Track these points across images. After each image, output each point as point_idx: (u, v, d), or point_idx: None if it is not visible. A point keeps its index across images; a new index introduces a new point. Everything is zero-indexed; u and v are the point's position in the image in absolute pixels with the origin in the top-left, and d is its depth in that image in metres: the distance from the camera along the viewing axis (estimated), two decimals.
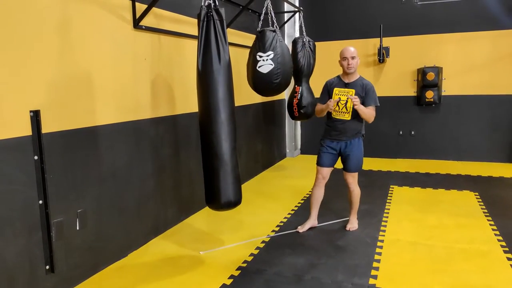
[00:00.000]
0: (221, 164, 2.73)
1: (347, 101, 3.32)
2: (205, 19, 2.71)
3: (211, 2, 2.72)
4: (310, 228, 3.66)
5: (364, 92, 3.35)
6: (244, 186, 5.22)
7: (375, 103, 3.38)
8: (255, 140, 5.80)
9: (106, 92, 2.98)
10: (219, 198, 2.75)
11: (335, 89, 3.41)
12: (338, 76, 3.50)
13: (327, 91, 3.48)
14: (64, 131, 2.65)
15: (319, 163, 3.54)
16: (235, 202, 2.80)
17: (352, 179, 3.51)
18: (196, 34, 2.80)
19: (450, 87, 6.36)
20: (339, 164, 3.59)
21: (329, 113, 3.44)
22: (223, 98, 2.73)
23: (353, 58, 3.32)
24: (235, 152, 2.80)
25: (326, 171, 3.54)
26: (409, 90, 6.58)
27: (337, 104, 3.35)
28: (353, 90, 3.34)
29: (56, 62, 2.58)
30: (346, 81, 3.40)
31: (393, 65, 6.59)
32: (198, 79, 2.78)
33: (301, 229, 3.60)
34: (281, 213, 4.16)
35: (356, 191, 3.56)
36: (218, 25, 2.73)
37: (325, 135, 3.53)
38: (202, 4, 2.71)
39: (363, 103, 3.34)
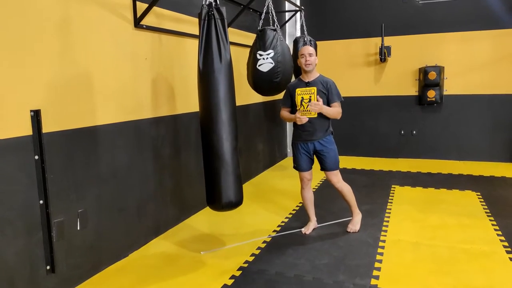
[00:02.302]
0: (222, 164, 2.70)
1: (310, 99, 3.32)
2: (206, 18, 2.69)
3: (212, 0, 2.70)
4: (313, 229, 3.65)
5: (327, 90, 3.35)
6: (245, 186, 5.21)
7: (339, 98, 3.39)
8: (256, 139, 5.79)
9: (106, 92, 2.98)
10: (220, 199, 2.72)
11: (297, 89, 3.38)
12: (299, 78, 3.49)
13: (289, 94, 3.45)
14: (64, 131, 2.64)
15: (299, 169, 3.53)
16: (236, 202, 2.77)
17: (336, 177, 3.48)
18: (197, 33, 2.79)
19: (451, 86, 6.34)
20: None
21: (295, 113, 3.41)
22: (224, 98, 2.70)
23: (310, 55, 3.32)
24: (236, 152, 2.77)
25: (309, 173, 3.54)
26: (411, 89, 6.57)
27: (301, 104, 3.35)
28: (315, 88, 3.33)
29: (57, 61, 2.57)
30: (307, 80, 3.39)
31: (394, 64, 6.57)
32: (199, 79, 2.76)
33: (307, 230, 3.60)
34: (283, 213, 4.15)
35: (345, 188, 3.51)
36: (219, 24, 2.71)
37: (296, 138, 3.50)
38: (203, 3, 2.70)
39: (327, 100, 3.35)
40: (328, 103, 3.37)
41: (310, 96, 3.32)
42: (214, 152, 2.71)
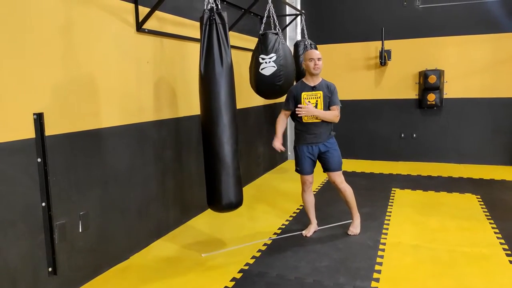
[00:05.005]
0: (223, 166, 2.77)
1: (317, 103, 3.38)
2: (208, 23, 2.73)
3: (214, 5, 2.73)
4: (313, 232, 3.66)
5: (330, 93, 3.41)
6: (245, 189, 5.22)
7: (339, 103, 3.47)
8: (256, 142, 5.80)
9: (109, 95, 3.00)
10: (221, 200, 2.80)
11: (303, 93, 3.42)
12: (301, 81, 3.51)
13: (293, 98, 3.47)
14: (67, 134, 2.66)
15: (302, 172, 3.55)
16: (236, 203, 2.86)
17: (340, 178, 3.51)
18: (199, 37, 2.81)
19: (451, 90, 6.36)
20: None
21: (299, 118, 3.43)
22: (225, 101, 2.75)
23: (319, 59, 3.38)
24: (236, 155, 2.84)
25: (311, 177, 3.57)
26: (411, 93, 6.59)
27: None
28: (321, 92, 3.39)
29: (60, 65, 2.59)
30: (312, 84, 3.43)
31: (394, 68, 6.59)
32: (201, 82, 2.80)
33: (308, 233, 3.61)
34: (283, 215, 4.16)
35: (347, 190, 3.54)
36: (221, 28, 2.74)
37: (299, 142, 3.52)
38: (205, 7, 2.72)
39: (329, 102, 3.41)
40: (329, 105, 3.41)
41: (317, 100, 3.36)
42: (215, 155, 2.77)
